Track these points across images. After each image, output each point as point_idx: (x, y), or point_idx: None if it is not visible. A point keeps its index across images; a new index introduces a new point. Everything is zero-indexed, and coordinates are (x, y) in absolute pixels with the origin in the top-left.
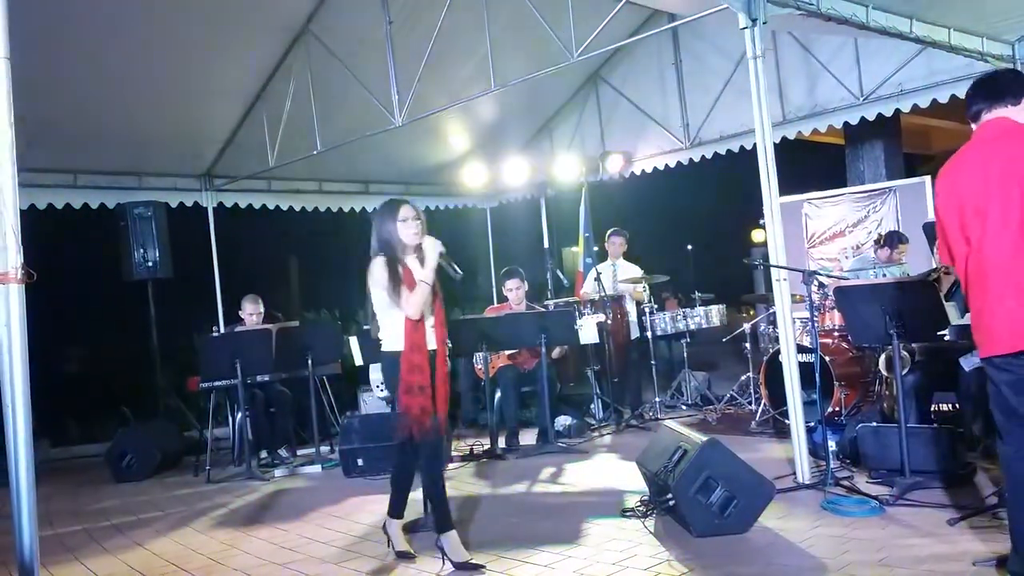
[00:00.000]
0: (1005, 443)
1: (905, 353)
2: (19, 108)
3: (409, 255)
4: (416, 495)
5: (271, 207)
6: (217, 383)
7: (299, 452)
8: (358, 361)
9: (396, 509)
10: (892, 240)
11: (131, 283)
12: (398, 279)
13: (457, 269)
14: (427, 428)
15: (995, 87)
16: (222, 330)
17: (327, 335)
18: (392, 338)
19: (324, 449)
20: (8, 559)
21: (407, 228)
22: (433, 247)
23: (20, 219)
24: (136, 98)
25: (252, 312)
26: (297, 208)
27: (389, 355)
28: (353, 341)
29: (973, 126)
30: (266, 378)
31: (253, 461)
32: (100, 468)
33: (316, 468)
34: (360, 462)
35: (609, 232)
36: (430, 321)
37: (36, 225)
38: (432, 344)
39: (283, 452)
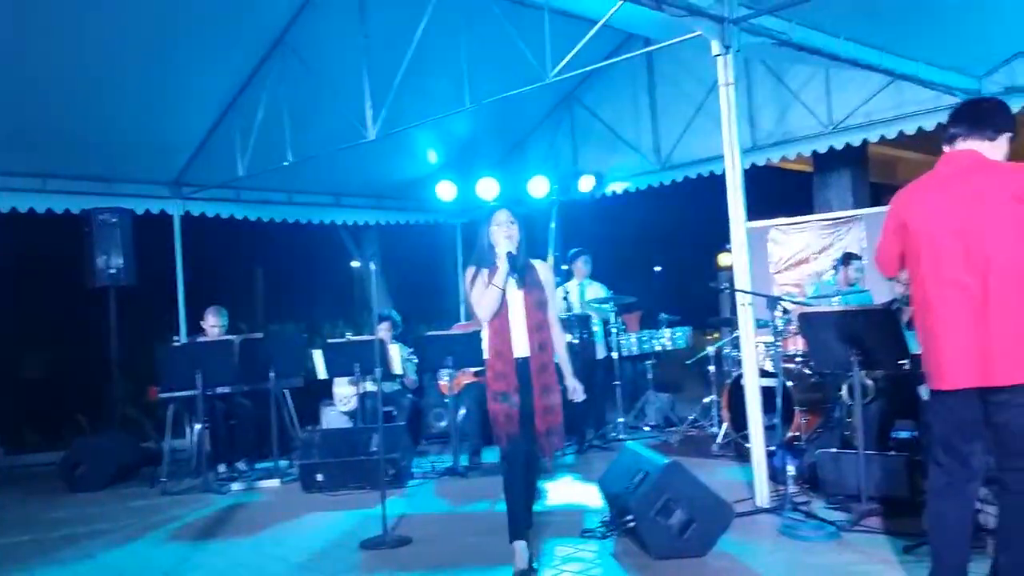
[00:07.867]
0: (936, 475)
1: (869, 382)
2: None
3: (500, 259)
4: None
5: (239, 217)
6: (177, 393)
7: (258, 466)
8: (321, 375)
9: (511, 529)
10: (846, 259)
11: (93, 290)
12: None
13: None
14: (514, 437)
15: (978, 115)
16: (184, 340)
17: (291, 348)
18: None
19: (284, 463)
20: None
21: (499, 232)
22: (503, 253)
23: None
24: (108, 103)
25: (214, 324)
26: (266, 219)
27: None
28: (317, 354)
29: (946, 148)
30: (227, 390)
31: (211, 474)
32: (54, 477)
33: (275, 482)
34: (320, 477)
35: (572, 254)
36: (520, 327)
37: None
38: (522, 351)
39: (242, 465)
